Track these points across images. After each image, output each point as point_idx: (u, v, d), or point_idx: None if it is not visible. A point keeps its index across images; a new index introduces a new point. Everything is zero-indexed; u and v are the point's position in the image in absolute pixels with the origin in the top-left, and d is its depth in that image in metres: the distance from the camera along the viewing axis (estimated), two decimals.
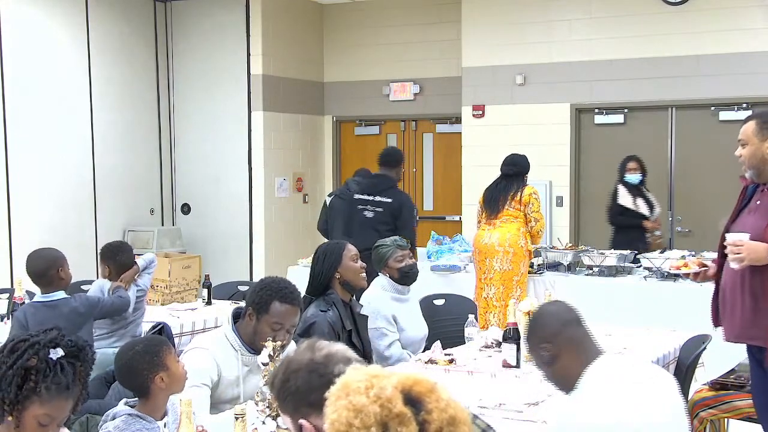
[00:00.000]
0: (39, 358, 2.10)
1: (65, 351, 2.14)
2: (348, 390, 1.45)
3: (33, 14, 8.15)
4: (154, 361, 2.83)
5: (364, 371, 1.51)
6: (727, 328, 3.67)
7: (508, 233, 6.43)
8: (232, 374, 3.25)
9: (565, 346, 2.57)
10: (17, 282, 5.41)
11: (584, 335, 2.61)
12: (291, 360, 1.97)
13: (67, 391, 2.11)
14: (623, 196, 7.33)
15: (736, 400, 3.99)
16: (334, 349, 1.97)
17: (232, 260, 9.45)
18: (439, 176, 9.79)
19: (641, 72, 8.16)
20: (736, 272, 3.53)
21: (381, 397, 1.43)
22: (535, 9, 8.56)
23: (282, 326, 3.21)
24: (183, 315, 5.61)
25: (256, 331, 3.24)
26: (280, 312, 3.22)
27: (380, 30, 9.77)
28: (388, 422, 1.41)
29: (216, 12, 9.51)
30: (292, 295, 3.27)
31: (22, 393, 2.08)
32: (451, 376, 3.77)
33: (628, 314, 5.95)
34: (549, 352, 2.58)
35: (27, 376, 2.08)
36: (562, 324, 2.61)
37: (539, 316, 2.70)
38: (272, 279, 3.36)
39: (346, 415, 1.42)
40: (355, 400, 1.43)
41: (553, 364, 2.59)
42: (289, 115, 9.72)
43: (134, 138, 9.28)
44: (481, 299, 6.49)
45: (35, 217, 8.14)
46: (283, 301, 3.23)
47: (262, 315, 3.23)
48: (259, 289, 3.28)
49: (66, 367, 2.12)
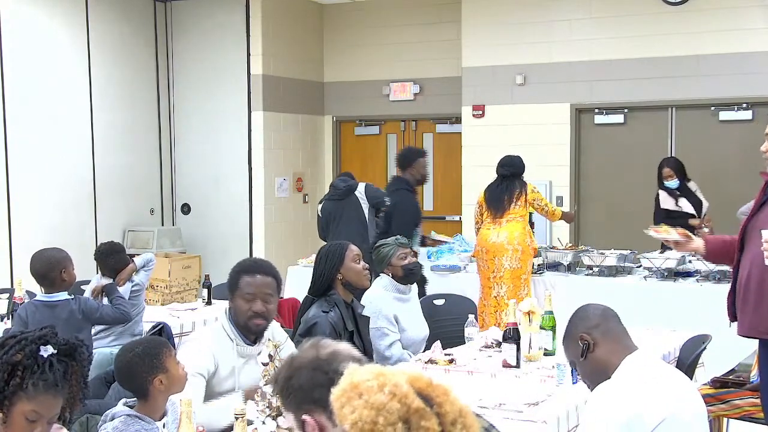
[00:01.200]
0: (25, 354, 2.11)
1: (57, 349, 2.14)
2: (360, 389, 1.44)
3: (33, 14, 8.15)
4: (153, 363, 2.82)
5: (368, 370, 1.50)
6: (750, 322, 3.60)
7: (516, 231, 6.49)
8: (227, 365, 3.28)
9: (603, 336, 2.68)
10: (17, 282, 5.41)
11: (622, 330, 2.74)
12: (295, 357, 1.97)
13: (55, 389, 2.11)
14: (665, 200, 7.22)
15: (735, 399, 3.99)
16: (339, 348, 1.98)
17: (232, 260, 9.27)
18: (439, 176, 9.79)
19: (641, 72, 8.16)
20: (764, 267, 3.44)
21: (397, 394, 1.42)
22: (535, 9, 8.56)
23: (254, 296, 3.30)
24: (183, 315, 5.62)
25: (235, 311, 3.34)
26: (248, 283, 3.32)
27: (380, 30, 9.77)
28: (409, 418, 1.41)
29: (216, 12, 9.51)
30: (256, 265, 3.41)
31: (8, 388, 2.09)
32: (451, 376, 3.77)
33: (628, 314, 5.88)
34: (587, 341, 2.68)
35: (13, 371, 2.09)
36: (603, 317, 2.74)
37: (581, 310, 2.80)
38: (241, 260, 3.52)
39: (368, 414, 1.40)
40: (372, 399, 1.42)
41: (590, 354, 2.68)
42: (289, 115, 9.72)
43: (134, 138, 9.28)
44: (491, 298, 6.52)
45: (35, 217, 8.14)
46: (247, 273, 3.35)
47: (234, 293, 3.34)
48: (230, 274, 3.42)
49: (55, 365, 2.12)
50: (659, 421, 2.45)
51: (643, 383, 2.54)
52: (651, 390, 2.52)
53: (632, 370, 2.60)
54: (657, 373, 2.62)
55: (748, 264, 3.59)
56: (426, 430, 1.41)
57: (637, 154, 8.37)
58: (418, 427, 1.41)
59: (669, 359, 4.21)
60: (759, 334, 3.59)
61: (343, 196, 7.04)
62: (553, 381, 3.63)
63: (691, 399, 2.61)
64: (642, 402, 2.48)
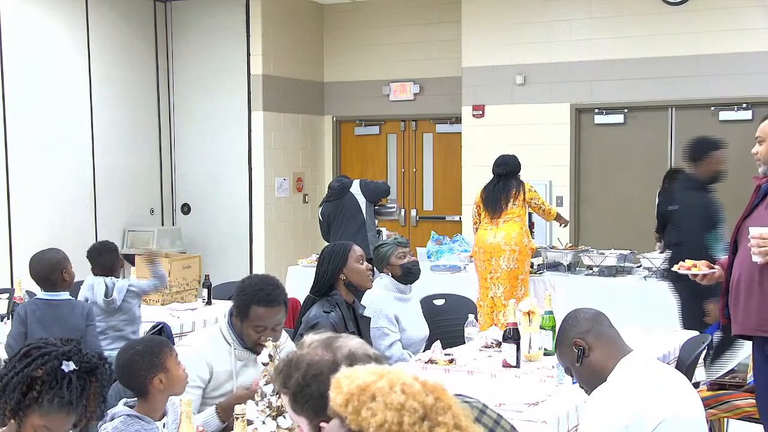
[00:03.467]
0: (46, 370, 2.08)
1: (79, 365, 2.12)
2: (371, 392, 1.42)
3: (33, 14, 8.15)
4: (153, 362, 2.82)
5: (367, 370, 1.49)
6: (741, 321, 3.62)
7: (513, 232, 6.48)
8: (224, 369, 3.28)
9: (597, 340, 2.69)
10: (17, 282, 5.41)
11: (615, 334, 2.75)
12: (310, 363, 1.90)
13: (69, 407, 2.09)
14: None
15: (735, 400, 3.99)
16: (353, 347, 1.92)
17: (232, 260, 9.44)
18: (439, 176, 9.79)
19: (641, 72, 8.16)
20: (753, 266, 3.46)
21: (410, 392, 1.42)
22: (535, 9, 8.56)
23: (264, 328, 3.24)
24: (183, 315, 5.62)
25: (242, 334, 3.28)
26: (260, 315, 3.23)
27: (380, 30, 9.77)
28: (428, 413, 1.40)
29: (216, 12, 9.51)
30: (270, 297, 3.24)
31: (24, 401, 2.07)
32: (451, 376, 3.77)
33: (628, 314, 5.94)
34: (581, 346, 2.68)
35: (32, 385, 2.07)
36: (594, 321, 2.75)
37: (572, 316, 2.80)
38: (251, 280, 3.34)
39: (391, 415, 1.38)
40: (389, 399, 1.40)
41: (585, 359, 2.68)
42: (289, 115, 9.72)
43: (134, 138, 9.28)
44: (488, 299, 6.51)
45: (35, 217, 8.14)
46: (260, 304, 3.23)
47: (243, 319, 3.26)
48: (238, 293, 3.29)
49: (74, 383, 2.09)
50: (659, 421, 2.45)
51: (641, 385, 2.54)
52: (649, 391, 2.52)
53: (629, 372, 2.60)
54: (654, 374, 2.61)
55: (739, 265, 3.61)
56: (445, 425, 1.41)
57: (637, 154, 8.37)
58: (438, 423, 1.40)
59: (669, 359, 4.21)
60: (749, 331, 3.60)
61: (339, 195, 7.08)
62: (553, 381, 3.63)
63: (689, 399, 2.60)
64: (641, 404, 2.48)
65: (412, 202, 9.94)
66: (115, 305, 4.83)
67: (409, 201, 9.94)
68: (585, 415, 2.61)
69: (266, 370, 2.84)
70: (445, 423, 1.40)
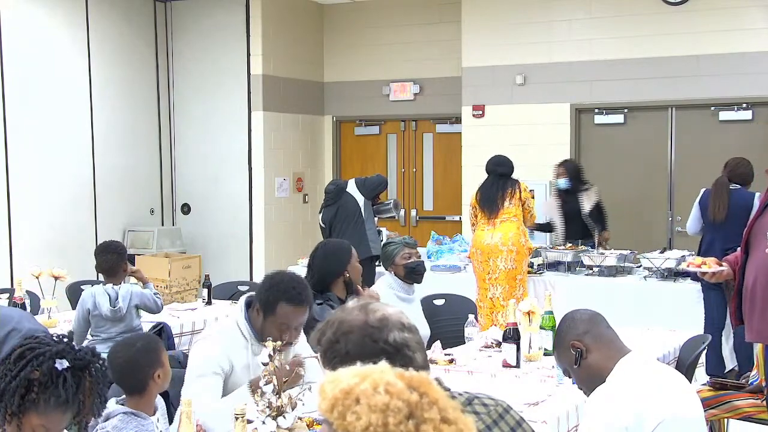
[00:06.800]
0: (42, 371, 2.10)
1: (71, 363, 2.13)
2: (354, 395, 1.42)
3: (33, 14, 8.15)
4: (152, 357, 2.88)
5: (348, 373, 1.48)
6: (757, 328, 3.57)
7: (510, 232, 6.48)
8: (242, 363, 3.26)
9: (595, 341, 2.68)
10: (17, 282, 5.41)
11: (613, 334, 2.74)
12: (342, 320, 1.90)
13: (66, 405, 2.11)
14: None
15: (735, 400, 3.99)
16: (389, 312, 1.91)
17: (232, 260, 9.45)
18: (439, 176, 9.79)
19: (641, 72, 8.16)
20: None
21: (394, 392, 1.41)
22: (535, 9, 8.56)
23: (289, 327, 3.21)
24: (183, 315, 5.62)
25: (262, 329, 3.23)
26: (287, 313, 3.19)
27: (380, 30, 9.77)
28: (413, 412, 1.40)
29: (216, 12, 9.51)
30: (300, 297, 3.21)
31: (24, 404, 2.09)
32: (451, 376, 3.76)
33: (628, 314, 5.95)
34: (579, 348, 2.68)
35: (30, 387, 2.09)
36: (591, 322, 2.74)
37: (569, 318, 2.79)
38: (281, 277, 3.30)
39: (376, 417, 1.38)
40: (373, 402, 1.40)
41: (584, 361, 2.68)
42: (289, 115, 9.72)
43: (134, 138, 9.28)
44: (486, 300, 6.51)
45: (35, 217, 8.13)
46: (289, 302, 3.19)
47: (268, 315, 3.21)
48: (267, 288, 3.24)
49: (69, 381, 2.11)
50: (658, 422, 2.45)
51: (640, 385, 2.54)
52: (648, 392, 2.52)
53: (627, 372, 2.60)
54: (653, 374, 2.61)
55: (753, 269, 3.54)
56: (431, 420, 1.40)
57: (637, 154, 8.36)
58: (423, 420, 1.40)
59: (669, 359, 4.21)
60: (766, 340, 3.57)
61: (335, 198, 7.08)
62: (553, 381, 3.63)
63: (688, 399, 2.60)
64: (640, 404, 2.48)
65: (412, 202, 9.94)
66: (121, 313, 4.81)
67: (409, 201, 9.94)
68: (585, 416, 2.61)
69: (266, 370, 2.84)
70: (431, 419, 1.40)
